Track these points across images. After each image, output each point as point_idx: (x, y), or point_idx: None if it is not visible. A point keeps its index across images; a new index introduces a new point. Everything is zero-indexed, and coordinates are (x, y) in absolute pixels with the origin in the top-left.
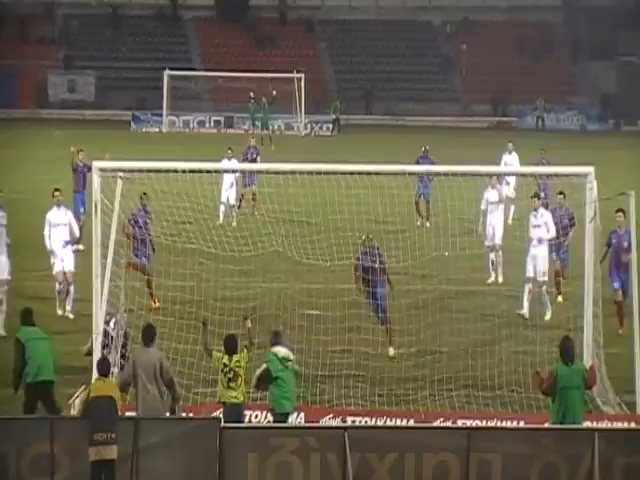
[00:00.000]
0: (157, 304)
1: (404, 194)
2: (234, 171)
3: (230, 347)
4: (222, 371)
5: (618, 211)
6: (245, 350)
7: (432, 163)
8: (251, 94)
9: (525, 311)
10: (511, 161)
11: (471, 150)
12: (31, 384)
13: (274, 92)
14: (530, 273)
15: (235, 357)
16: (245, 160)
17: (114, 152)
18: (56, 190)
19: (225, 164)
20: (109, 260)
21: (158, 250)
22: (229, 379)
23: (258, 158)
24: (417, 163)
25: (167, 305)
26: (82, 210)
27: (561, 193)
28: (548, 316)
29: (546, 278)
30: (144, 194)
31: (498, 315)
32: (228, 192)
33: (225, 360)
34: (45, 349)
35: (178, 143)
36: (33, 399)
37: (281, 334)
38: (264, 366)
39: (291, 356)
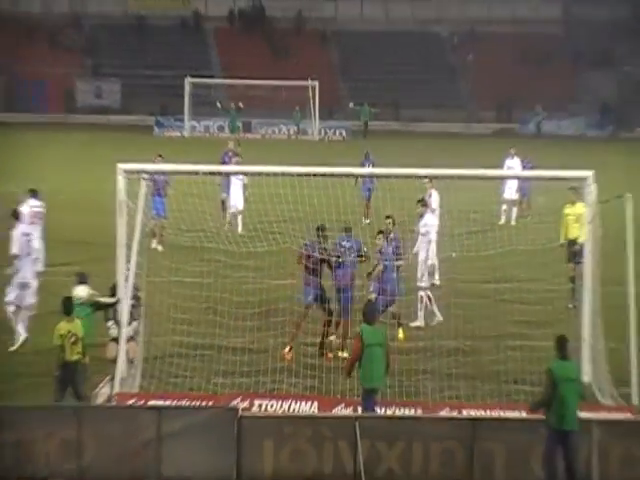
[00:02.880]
0: (330, 355)
1: (412, 196)
2: (245, 174)
3: (68, 308)
4: (65, 337)
5: (387, 218)
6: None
7: (373, 165)
8: (218, 103)
9: (420, 322)
10: (513, 165)
11: (476, 155)
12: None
13: (240, 104)
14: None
15: (76, 323)
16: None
17: (138, 155)
18: None
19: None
20: (132, 261)
21: (177, 250)
22: (72, 342)
23: (234, 160)
24: (362, 165)
25: (185, 303)
26: (162, 213)
27: (388, 217)
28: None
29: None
30: (319, 227)
31: (502, 313)
32: (236, 198)
33: (69, 327)
34: None
35: (199, 147)
36: None
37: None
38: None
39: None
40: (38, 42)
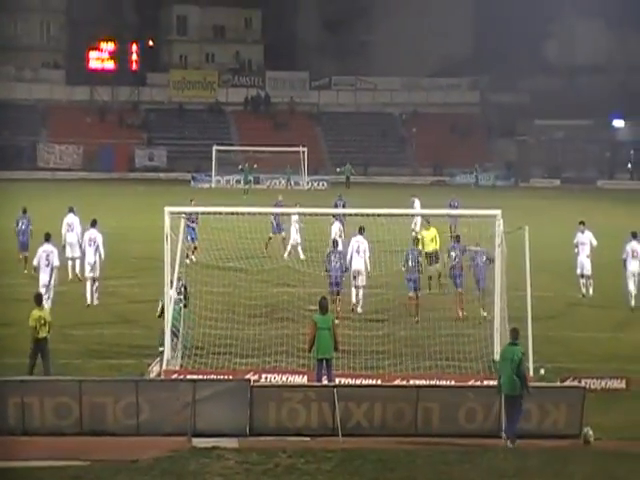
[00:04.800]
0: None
1: (373, 229)
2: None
3: (39, 300)
4: (38, 320)
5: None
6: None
7: (344, 205)
8: (240, 166)
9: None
10: (416, 206)
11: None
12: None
13: (255, 165)
14: None
15: (45, 310)
16: (275, 213)
17: (178, 202)
18: None
19: (272, 209)
20: (175, 277)
21: (207, 268)
22: (42, 324)
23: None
24: (335, 205)
25: (213, 305)
26: (194, 237)
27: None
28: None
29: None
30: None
31: (438, 311)
32: (296, 234)
33: (40, 314)
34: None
35: (222, 194)
36: None
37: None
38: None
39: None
40: (109, 121)
